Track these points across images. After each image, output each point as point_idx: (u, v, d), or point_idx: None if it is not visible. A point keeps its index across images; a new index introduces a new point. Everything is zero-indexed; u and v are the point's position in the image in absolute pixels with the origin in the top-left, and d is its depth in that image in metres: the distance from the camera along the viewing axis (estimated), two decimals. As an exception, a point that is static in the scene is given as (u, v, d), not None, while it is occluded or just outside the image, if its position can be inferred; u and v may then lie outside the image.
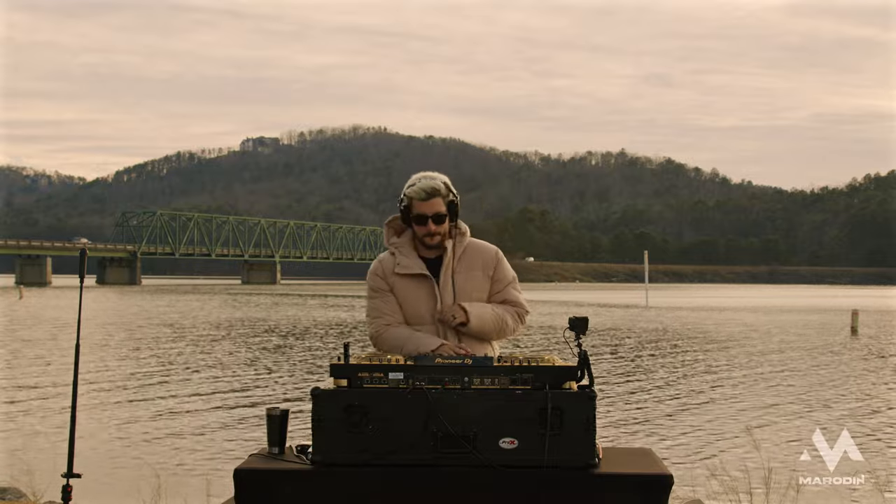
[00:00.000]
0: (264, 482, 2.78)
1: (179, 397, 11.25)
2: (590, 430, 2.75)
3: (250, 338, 21.19)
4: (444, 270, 3.24)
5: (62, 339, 20.28)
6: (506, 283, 3.31)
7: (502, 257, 3.34)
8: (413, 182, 3.23)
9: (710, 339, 21.86)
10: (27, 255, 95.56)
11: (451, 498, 2.73)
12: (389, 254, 3.30)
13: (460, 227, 3.29)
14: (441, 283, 3.23)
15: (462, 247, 3.28)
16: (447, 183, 3.23)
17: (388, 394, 2.76)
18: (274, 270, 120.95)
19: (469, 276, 3.25)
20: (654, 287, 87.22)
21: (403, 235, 3.30)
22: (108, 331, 23.08)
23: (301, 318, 29.95)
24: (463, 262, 3.26)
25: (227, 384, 12.53)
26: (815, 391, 12.18)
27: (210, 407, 10.46)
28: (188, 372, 14.04)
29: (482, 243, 3.34)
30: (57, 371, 13.89)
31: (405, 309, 3.24)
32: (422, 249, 3.26)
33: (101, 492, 6.21)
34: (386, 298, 3.26)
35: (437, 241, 3.22)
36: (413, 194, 3.19)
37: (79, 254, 3.52)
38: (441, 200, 3.19)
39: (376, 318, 3.26)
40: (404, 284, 3.24)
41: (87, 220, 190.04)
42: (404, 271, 3.23)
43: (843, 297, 59.71)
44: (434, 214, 3.18)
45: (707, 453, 7.79)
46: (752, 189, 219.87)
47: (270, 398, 11.12)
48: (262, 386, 12.39)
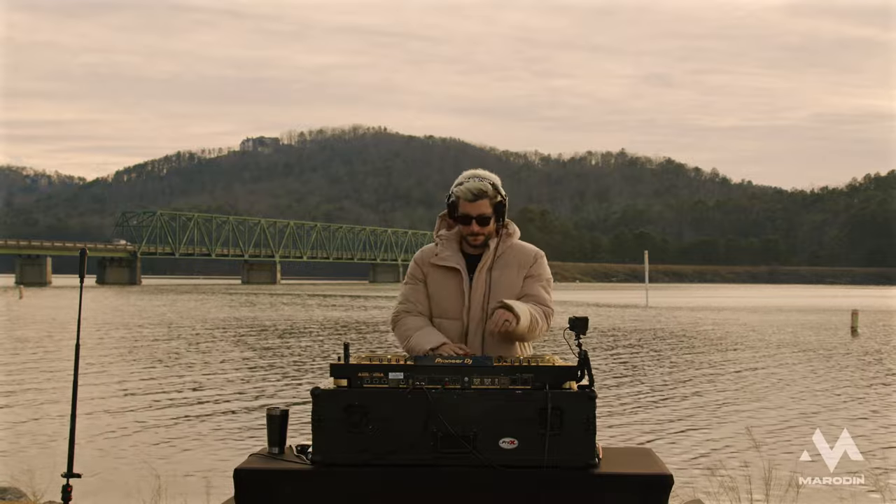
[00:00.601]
0: (264, 482, 2.78)
1: (179, 397, 11.25)
2: (590, 430, 2.75)
3: (250, 338, 21.19)
4: (480, 266, 3.26)
5: (62, 338, 20.28)
6: (537, 279, 3.29)
7: (543, 258, 3.33)
8: (462, 181, 3.25)
9: (710, 339, 21.86)
10: (27, 255, 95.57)
11: (451, 498, 2.73)
12: (434, 245, 3.34)
13: (509, 227, 3.31)
14: (474, 280, 3.24)
15: (505, 246, 3.29)
16: (496, 184, 3.25)
17: (388, 394, 2.76)
18: (274, 270, 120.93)
19: (504, 272, 3.26)
20: (654, 287, 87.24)
21: (452, 229, 3.33)
22: (109, 331, 23.08)
23: (301, 319, 29.95)
24: (501, 260, 3.27)
25: (227, 384, 12.53)
26: (815, 391, 12.17)
27: (210, 407, 10.46)
28: (188, 372, 14.04)
29: (526, 244, 3.34)
30: (57, 371, 13.89)
31: (434, 300, 3.29)
32: (465, 246, 3.30)
33: (101, 492, 6.21)
34: (416, 287, 3.31)
35: (481, 241, 3.25)
36: (461, 194, 3.21)
37: (79, 254, 3.52)
38: (488, 202, 3.21)
39: (401, 304, 3.33)
40: (438, 275, 3.28)
41: (87, 220, 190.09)
42: (440, 262, 3.27)
43: (843, 297, 59.73)
44: (479, 216, 3.20)
45: (707, 453, 7.79)
46: (752, 189, 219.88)
47: (270, 398, 11.12)
48: (262, 386, 12.39)
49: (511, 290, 3.25)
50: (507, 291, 3.23)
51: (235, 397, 11.26)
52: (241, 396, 11.34)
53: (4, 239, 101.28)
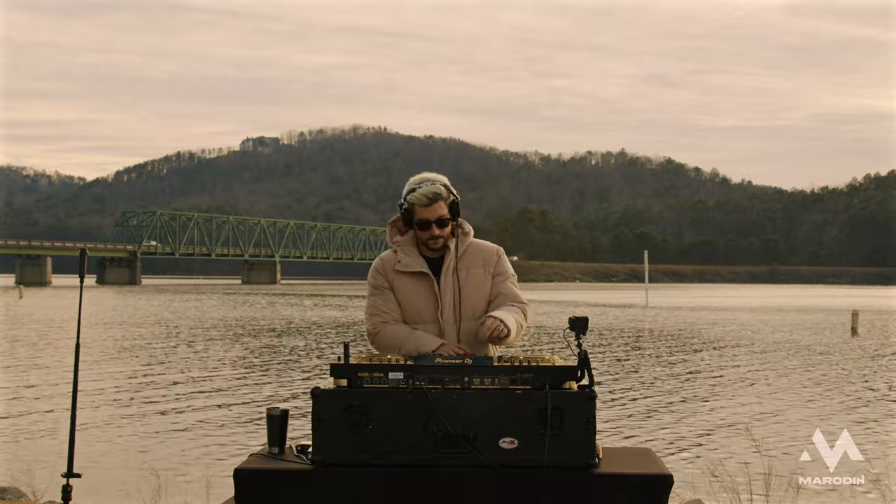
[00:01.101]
0: (264, 482, 2.78)
1: (179, 397, 11.25)
2: (590, 430, 2.75)
3: (250, 338, 21.18)
4: (445, 269, 3.24)
5: (61, 339, 20.28)
6: (506, 277, 3.31)
7: (504, 255, 3.36)
8: (413, 187, 3.22)
9: (710, 338, 21.85)
10: (27, 255, 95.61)
11: (451, 498, 2.73)
12: (392, 252, 3.30)
13: (463, 226, 3.29)
14: (442, 282, 3.23)
15: (464, 246, 3.28)
16: (447, 185, 3.24)
17: (388, 394, 2.76)
18: (274, 270, 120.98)
19: (470, 273, 3.25)
20: (654, 287, 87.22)
21: (406, 234, 3.30)
22: (109, 330, 23.08)
23: (301, 318, 29.95)
24: (464, 261, 3.26)
25: (227, 384, 12.53)
26: (815, 391, 12.17)
27: (210, 407, 10.46)
28: (188, 371, 14.04)
29: (484, 242, 3.35)
30: (57, 371, 13.89)
31: (405, 307, 3.25)
32: (424, 249, 3.27)
33: (101, 492, 6.21)
34: (385, 296, 3.26)
35: (441, 243, 3.23)
36: (415, 200, 3.19)
37: (79, 254, 3.52)
38: (443, 204, 3.20)
39: (374, 316, 3.26)
40: (405, 282, 3.24)
41: (87, 220, 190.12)
42: (405, 269, 3.24)
43: (843, 297, 59.73)
44: (437, 219, 3.19)
45: (707, 453, 7.79)
46: (752, 189, 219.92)
47: (270, 398, 11.12)
48: (262, 386, 12.38)
49: (480, 289, 3.25)
50: (476, 290, 3.24)
51: (235, 397, 11.26)
52: (241, 396, 11.34)
53: (4, 239, 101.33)
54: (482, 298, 3.26)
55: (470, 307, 3.22)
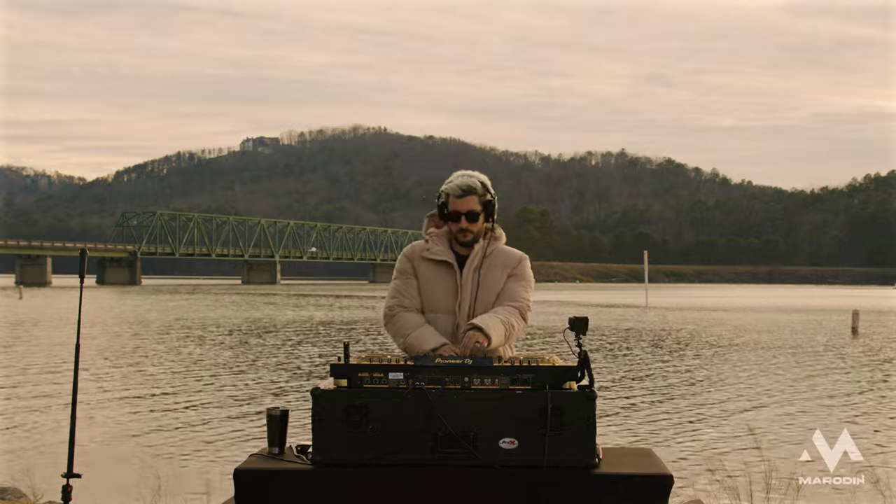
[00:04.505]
0: (264, 482, 2.78)
1: (179, 397, 11.25)
2: (590, 431, 2.75)
3: (250, 337, 21.18)
4: (468, 265, 3.28)
5: (61, 339, 20.28)
6: (519, 279, 3.34)
7: (527, 262, 3.39)
8: (451, 179, 3.30)
9: (710, 339, 21.85)
10: (27, 255, 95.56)
11: (451, 498, 2.73)
12: (423, 241, 3.37)
13: (496, 231, 3.35)
14: (464, 277, 3.27)
15: (492, 248, 3.32)
16: (485, 182, 3.30)
17: (388, 394, 2.76)
18: (274, 270, 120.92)
19: (489, 272, 3.30)
20: (654, 287, 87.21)
21: (441, 228, 3.36)
22: (109, 330, 23.08)
23: (301, 318, 29.95)
24: (488, 261, 3.31)
25: (227, 384, 12.52)
26: (816, 391, 12.17)
27: (210, 407, 10.45)
28: (188, 371, 14.03)
29: (512, 249, 3.39)
30: (56, 371, 13.89)
31: (424, 294, 3.29)
32: (455, 245, 3.32)
33: (101, 492, 6.20)
34: (408, 281, 3.32)
35: (469, 237, 3.27)
36: (449, 190, 3.26)
37: (79, 254, 3.52)
38: (476, 199, 3.25)
39: (393, 298, 3.33)
40: (429, 269, 3.30)
41: (87, 221, 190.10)
42: (431, 256, 3.29)
43: (843, 297, 59.73)
44: (467, 212, 3.23)
45: (707, 453, 7.78)
46: (751, 189, 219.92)
47: (270, 398, 11.11)
48: (263, 386, 12.38)
49: (495, 289, 3.29)
50: (492, 290, 3.28)
51: (235, 397, 11.25)
52: (242, 396, 11.33)
53: (4, 239, 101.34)
54: (495, 298, 3.30)
55: (484, 305, 3.26)
